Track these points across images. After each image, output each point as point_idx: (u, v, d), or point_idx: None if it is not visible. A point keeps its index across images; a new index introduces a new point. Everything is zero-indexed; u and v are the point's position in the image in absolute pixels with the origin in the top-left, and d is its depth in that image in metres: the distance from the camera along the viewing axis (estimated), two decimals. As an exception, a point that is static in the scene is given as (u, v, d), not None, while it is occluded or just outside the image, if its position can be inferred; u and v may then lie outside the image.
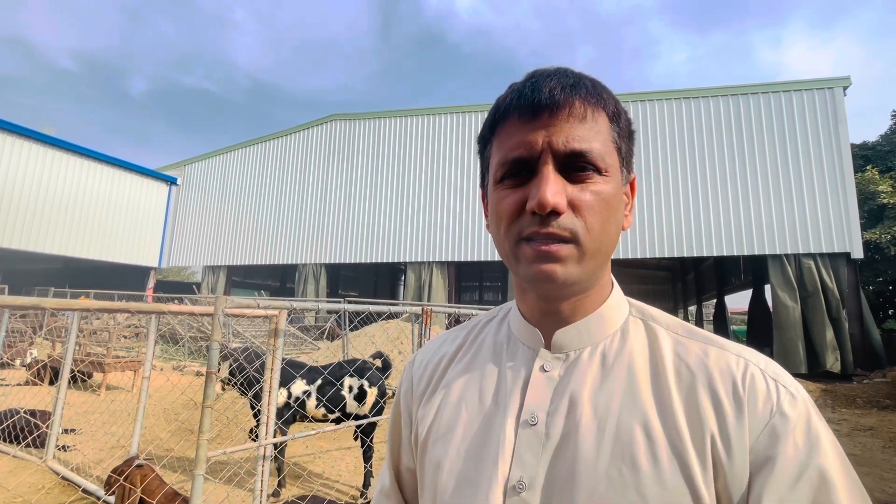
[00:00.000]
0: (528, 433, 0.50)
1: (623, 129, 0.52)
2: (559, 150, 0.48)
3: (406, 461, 0.65)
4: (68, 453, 4.32)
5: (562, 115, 0.48)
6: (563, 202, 0.47)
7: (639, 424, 0.47)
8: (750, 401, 0.45)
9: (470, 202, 15.10)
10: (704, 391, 0.47)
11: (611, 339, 0.54)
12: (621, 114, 0.52)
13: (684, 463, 0.44)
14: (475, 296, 29.11)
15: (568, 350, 0.53)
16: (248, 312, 2.57)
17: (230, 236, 19.00)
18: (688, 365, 0.49)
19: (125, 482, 2.68)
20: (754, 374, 0.47)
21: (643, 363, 0.51)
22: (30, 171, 13.39)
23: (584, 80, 0.51)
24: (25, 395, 5.86)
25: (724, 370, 0.48)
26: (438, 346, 0.66)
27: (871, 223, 13.75)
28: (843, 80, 12.02)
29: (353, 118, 17.52)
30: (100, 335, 9.78)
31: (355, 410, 3.73)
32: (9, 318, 5.12)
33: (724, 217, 12.41)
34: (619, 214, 0.52)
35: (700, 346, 0.51)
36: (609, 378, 0.51)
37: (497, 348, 0.59)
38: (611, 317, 0.54)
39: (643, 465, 0.45)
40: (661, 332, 0.53)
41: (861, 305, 11.36)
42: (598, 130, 0.49)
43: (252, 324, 12.22)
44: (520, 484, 0.48)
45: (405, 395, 0.65)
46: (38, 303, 2.36)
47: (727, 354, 0.49)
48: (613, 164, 0.51)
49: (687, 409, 0.47)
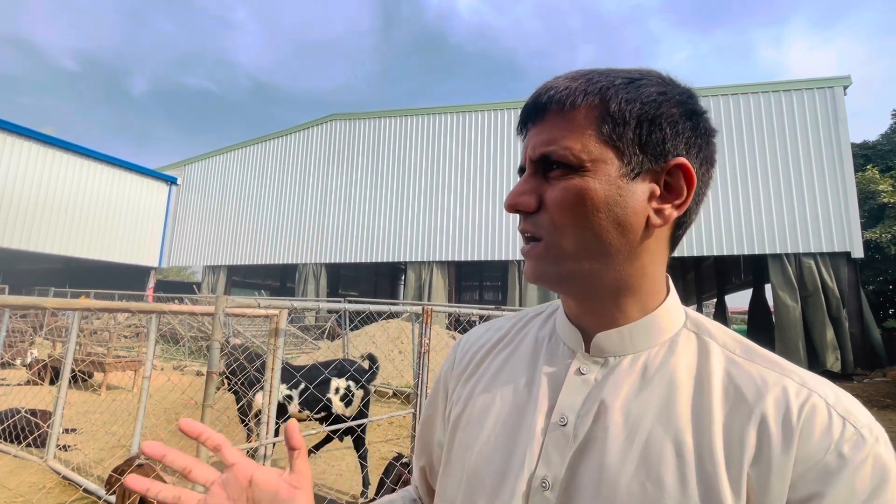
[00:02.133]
0: (557, 434, 0.50)
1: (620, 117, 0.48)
2: (533, 157, 0.51)
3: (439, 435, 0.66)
4: (69, 453, 4.33)
5: (539, 122, 0.51)
6: (526, 201, 0.50)
7: (670, 441, 0.45)
8: (803, 431, 0.41)
9: (470, 202, 15.10)
10: (752, 416, 0.44)
11: (657, 349, 0.51)
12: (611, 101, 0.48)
13: (714, 489, 0.42)
14: (475, 295, 29.11)
15: (608, 355, 0.52)
16: (248, 312, 2.58)
17: (230, 236, 19.00)
18: (737, 386, 0.46)
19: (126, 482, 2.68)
20: (816, 404, 0.43)
21: (687, 379, 0.48)
22: (30, 171, 13.39)
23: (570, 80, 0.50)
24: (26, 394, 5.86)
25: (780, 397, 0.44)
26: (483, 332, 0.67)
27: (872, 222, 13.74)
28: (844, 80, 12.02)
29: (353, 118, 17.51)
30: (100, 335, 9.79)
31: (342, 412, 3.73)
32: (9, 317, 5.12)
33: (724, 216, 12.41)
34: (616, 210, 0.48)
35: (758, 368, 0.47)
36: (647, 389, 0.49)
37: (538, 344, 0.59)
38: (660, 326, 0.52)
39: (668, 484, 0.43)
40: (715, 348, 0.50)
41: (861, 305, 11.37)
42: (571, 128, 0.48)
43: (252, 323, 12.22)
44: (544, 482, 0.48)
45: (446, 372, 0.68)
46: (38, 302, 2.36)
47: (787, 381, 0.45)
48: (601, 157, 0.48)
49: (727, 434, 0.44)
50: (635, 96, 0.49)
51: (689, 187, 0.49)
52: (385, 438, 5.58)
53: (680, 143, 0.49)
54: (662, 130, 0.48)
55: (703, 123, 0.51)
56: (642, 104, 0.49)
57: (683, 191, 0.49)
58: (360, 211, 16.64)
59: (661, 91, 0.49)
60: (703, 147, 0.51)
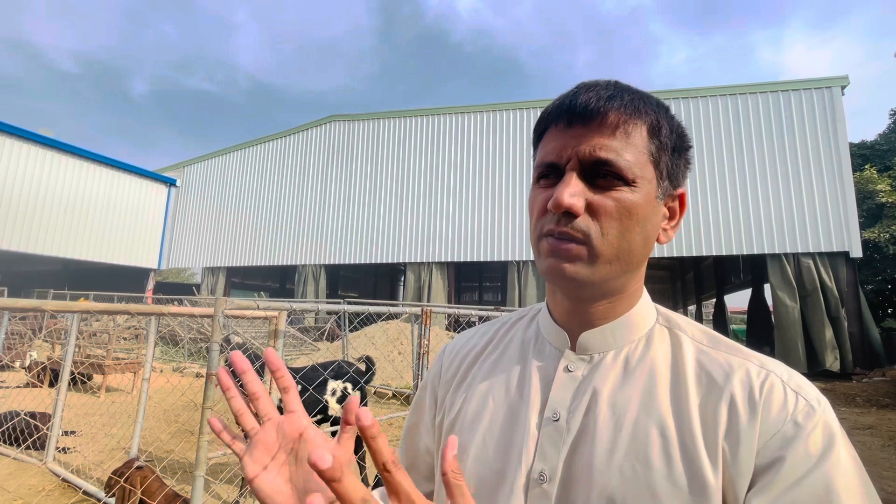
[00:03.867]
0: (551, 429, 0.52)
1: (664, 143, 0.52)
2: (585, 157, 0.50)
3: (426, 441, 0.68)
4: (68, 455, 4.32)
5: (593, 124, 0.51)
6: (579, 204, 0.50)
7: (654, 425, 0.49)
8: (765, 406, 0.47)
9: (469, 202, 15.10)
10: (722, 397, 0.48)
11: (635, 344, 0.55)
12: (663, 127, 0.52)
13: (695, 462, 0.46)
14: (475, 296, 29.10)
15: (593, 352, 0.56)
16: (247, 313, 2.58)
17: (229, 237, 18.99)
18: (708, 373, 0.51)
19: (126, 484, 2.68)
20: (774, 382, 0.48)
21: (665, 369, 0.53)
22: (29, 173, 13.38)
23: (624, 93, 0.52)
24: (25, 397, 5.86)
25: (744, 378, 0.49)
26: (469, 338, 0.69)
27: (870, 222, 13.77)
28: (842, 80, 12.04)
29: (352, 119, 17.52)
30: (99, 337, 9.77)
31: (339, 413, 3.73)
32: (8, 320, 5.11)
33: (723, 216, 12.42)
34: (647, 226, 0.52)
35: (723, 355, 0.52)
36: (630, 381, 0.53)
37: (524, 346, 0.62)
38: (637, 323, 0.56)
39: (655, 463, 0.47)
40: (686, 340, 0.55)
41: (860, 304, 11.38)
42: (629, 142, 0.50)
43: (252, 325, 12.21)
44: (541, 476, 0.51)
45: (433, 379, 0.69)
46: (37, 305, 2.36)
47: (749, 364, 0.51)
48: (646, 176, 0.51)
49: (702, 414, 0.48)
50: (673, 126, 0.54)
51: (681, 213, 0.57)
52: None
53: (685, 173, 0.57)
54: (682, 161, 0.56)
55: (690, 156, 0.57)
56: (678, 135, 0.55)
57: (678, 216, 0.57)
58: (359, 212, 16.64)
59: (678, 123, 0.55)
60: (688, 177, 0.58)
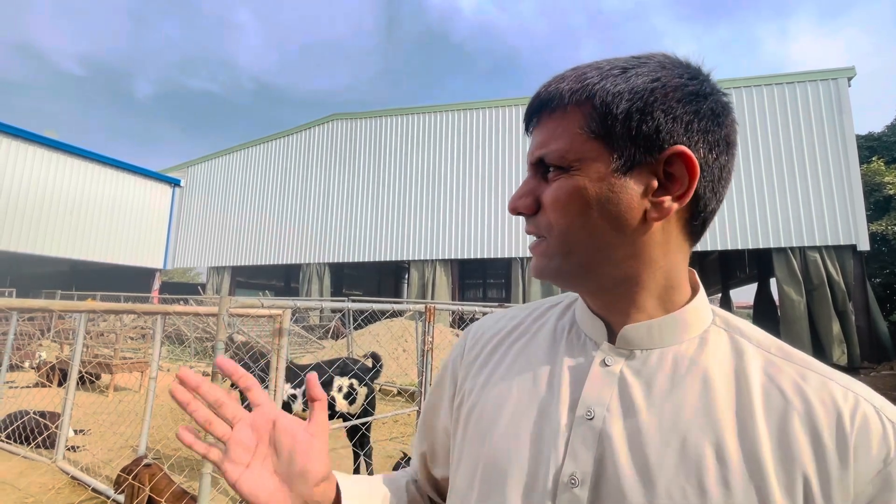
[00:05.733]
0: (584, 427, 0.47)
1: (610, 112, 0.46)
2: (530, 161, 0.53)
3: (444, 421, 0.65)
4: (78, 453, 4.37)
5: (537, 126, 0.52)
6: (525, 203, 0.52)
7: (710, 444, 0.43)
8: (860, 441, 0.40)
9: (473, 200, 15.08)
10: (800, 422, 0.42)
11: (686, 345, 0.49)
12: (602, 97, 0.46)
13: (763, 494, 0.40)
14: (479, 293, 29.09)
15: (634, 348, 0.50)
16: (252, 312, 2.59)
17: (234, 237, 19.06)
18: (780, 389, 0.44)
19: (134, 481, 2.71)
20: (867, 411, 0.42)
21: (724, 378, 0.46)
22: (35, 175, 13.48)
23: (566, 78, 0.49)
24: (34, 396, 5.92)
25: (828, 402, 0.43)
26: (496, 320, 0.66)
27: (878, 215, 13.63)
28: (848, 71, 11.90)
29: (354, 117, 17.51)
30: (107, 337, 9.85)
31: (346, 410, 3.73)
32: (17, 320, 5.17)
33: (728, 210, 12.34)
34: (607, 206, 0.46)
35: (798, 369, 0.46)
36: (680, 387, 0.47)
37: (557, 334, 0.57)
38: (690, 322, 0.50)
39: (711, 490, 0.41)
40: (750, 348, 0.48)
41: (867, 298, 11.29)
42: (562, 128, 0.49)
43: (257, 323, 12.27)
44: (572, 479, 0.46)
45: (455, 359, 0.66)
46: (45, 305, 2.39)
47: (832, 384, 0.44)
48: (587, 154, 0.47)
49: (774, 438, 0.42)
50: (623, 88, 0.46)
51: (690, 176, 0.46)
52: (390, 436, 5.60)
53: (678, 130, 0.46)
54: (655, 119, 0.45)
55: (708, 104, 0.47)
56: (630, 94, 0.46)
57: (685, 180, 0.46)
58: (362, 210, 16.66)
59: (654, 78, 0.46)
60: (712, 130, 0.47)
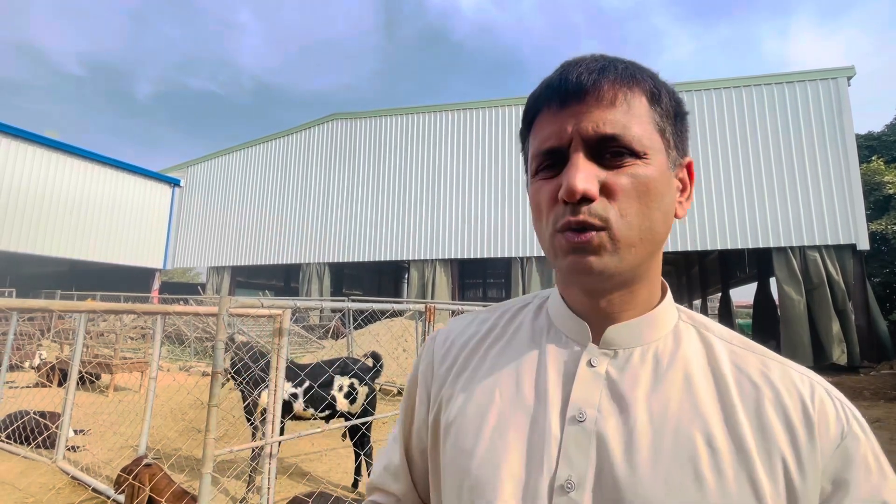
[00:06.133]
0: (576, 430, 0.47)
1: (666, 110, 0.49)
2: (589, 135, 0.46)
3: (417, 442, 0.61)
4: (78, 453, 4.37)
5: (590, 100, 0.46)
6: (594, 188, 0.45)
7: (700, 433, 0.45)
8: (821, 422, 0.44)
9: (473, 199, 15.08)
10: (772, 408, 0.45)
11: (663, 341, 0.51)
12: (662, 94, 0.48)
13: (752, 478, 0.42)
14: (479, 293, 29.11)
15: (618, 347, 0.50)
16: (251, 312, 2.59)
17: (234, 237, 19.06)
18: (750, 378, 0.47)
19: (134, 481, 2.71)
20: (822, 395, 0.46)
21: (701, 371, 0.48)
22: (34, 175, 13.47)
23: (615, 63, 0.48)
24: (35, 396, 5.92)
25: (791, 388, 0.46)
26: (466, 325, 0.62)
27: (877, 214, 13.64)
28: (848, 70, 11.90)
29: (354, 117, 17.52)
30: (107, 337, 9.85)
31: (346, 409, 3.74)
32: (17, 320, 5.17)
33: (728, 210, 12.34)
34: (665, 201, 0.47)
35: (759, 359, 0.49)
36: (664, 382, 0.48)
37: (536, 336, 0.56)
38: (663, 319, 0.52)
39: (707, 477, 0.43)
40: (716, 341, 0.51)
41: (867, 297, 11.29)
42: (632, 112, 0.47)
43: (257, 323, 12.27)
44: (568, 483, 0.45)
45: (424, 372, 0.61)
46: (45, 305, 2.39)
47: (790, 371, 0.48)
48: (655, 146, 0.47)
49: (753, 424, 0.45)
50: (670, 92, 0.50)
51: (691, 184, 0.51)
52: (377, 437, 5.60)
53: (687, 142, 0.52)
54: (686, 128, 0.51)
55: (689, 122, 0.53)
56: (675, 101, 0.50)
57: (689, 187, 0.51)
58: (362, 210, 16.66)
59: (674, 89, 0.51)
60: None
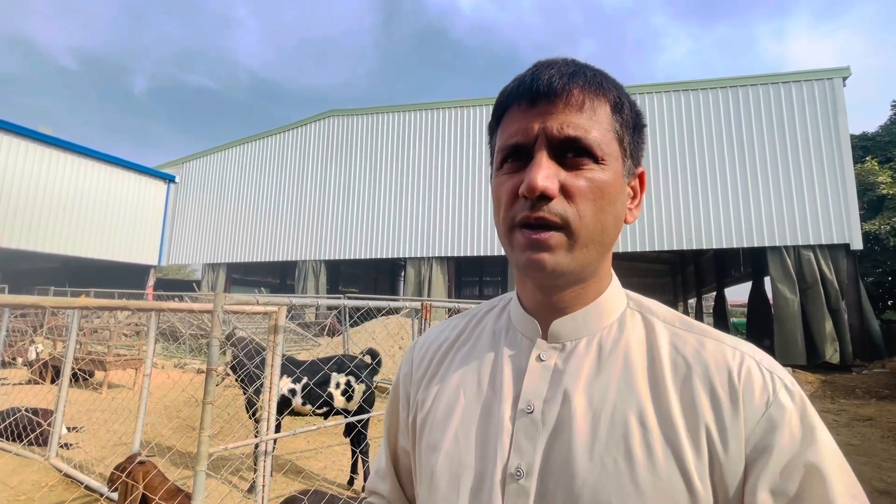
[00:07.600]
0: (525, 421, 0.50)
1: (626, 120, 0.51)
2: (554, 135, 0.48)
3: (403, 443, 0.65)
4: (71, 451, 4.34)
5: (559, 102, 0.48)
6: (554, 186, 0.47)
7: (633, 414, 0.47)
8: (746, 391, 0.46)
9: (469, 197, 15.07)
10: (700, 382, 0.47)
11: (608, 330, 0.53)
12: (625, 105, 0.51)
13: (678, 453, 0.45)
14: (475, 291, 29.14)
15: (565, 340, 0.53)
16: (247, 309, 2.57)
17: (229, 234, 18.97)
18: (684, 356, 0.49)
19: (128, 479, 2.69)
20: (750, 366, 0.47)
21: (640, 354, 0.51)
22: (28, 170, 13.33)
23: (585, 70, 0.51)
24: (27, 393, 5.88)
25: (720, 362, 0.48)
26: (440, 332, 0.67)
27: (871, 214, 13.75)
28: (843, 71, 11.96)
29: (350, 114, 17.44)
30: (100, 333, 9.79)
31: (343, 406, 3.74)
32: (9, 317, 5.12)
33: (723, 209, 12.39)
34: (617, 205, 0.50)
35: (697, 338, 0.51)
36: (605, 368, 0.51)
37: (496, 337, 0.59)
38: (608, 308, 0.54)
39: (637, 455, 0.45)
40: (658, 324, 0.53)
41: (860, 296, 11.38)
42: (596, 119, 0.49)
43: (252, 320, 12.23)
44: (518, 471, 0.48)
45: (404, 378, 0.66)
46: (38, 301, 2.36)
47: (723, 346, 0.49)
48: (612, 153, 0.50)
49: (682, 400, 0.47)
50: (631, 104, 0.53)
51: (642, 192, 0.55)
52: (377, 435, 5.59)
53: (642, 153, 0.55)
54: (641, 139, 0.54)
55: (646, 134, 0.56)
56: (636, 113, 0.53)
57: (639, 195, 0.55)
58: (358, 207, 16.61)
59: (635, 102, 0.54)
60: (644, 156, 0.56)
